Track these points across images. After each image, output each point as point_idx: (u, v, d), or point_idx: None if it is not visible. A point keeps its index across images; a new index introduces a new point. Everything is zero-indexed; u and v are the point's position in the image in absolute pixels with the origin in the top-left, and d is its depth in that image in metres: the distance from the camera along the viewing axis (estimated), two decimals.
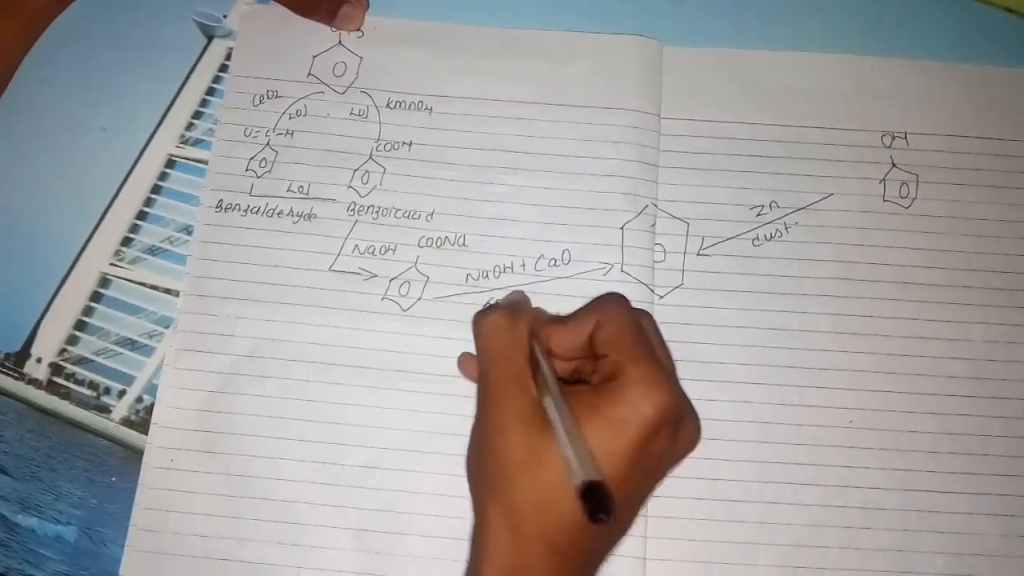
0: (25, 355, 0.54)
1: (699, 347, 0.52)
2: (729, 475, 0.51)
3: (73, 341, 0.54)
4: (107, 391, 0.53)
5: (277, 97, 0.57)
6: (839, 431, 0.51)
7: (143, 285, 0.55)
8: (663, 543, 0.50)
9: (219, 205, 0.55)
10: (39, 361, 0.53)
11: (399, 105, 0.57)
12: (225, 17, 0.59)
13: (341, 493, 0.51)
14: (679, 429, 0.42)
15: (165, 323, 0.54)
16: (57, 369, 0.53)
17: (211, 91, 0.58)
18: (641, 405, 0.40)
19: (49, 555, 0.50)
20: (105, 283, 0.55)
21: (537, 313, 0.48)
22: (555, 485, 0.40)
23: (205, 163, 0.56)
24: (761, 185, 0.55)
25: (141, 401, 0.53)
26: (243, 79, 0.57)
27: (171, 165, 0.56)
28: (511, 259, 0.54)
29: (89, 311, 0.54)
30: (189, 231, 0.55)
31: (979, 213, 0.55)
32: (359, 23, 0.58)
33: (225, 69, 0.58)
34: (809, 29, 0.59)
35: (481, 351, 0.45)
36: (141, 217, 0.56)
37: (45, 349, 0.54)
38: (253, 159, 0.56)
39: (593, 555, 0.43)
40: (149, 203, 0.56)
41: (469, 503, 0.45)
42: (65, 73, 0.58)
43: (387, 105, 0.57)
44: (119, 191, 0.56)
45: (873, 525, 0.50)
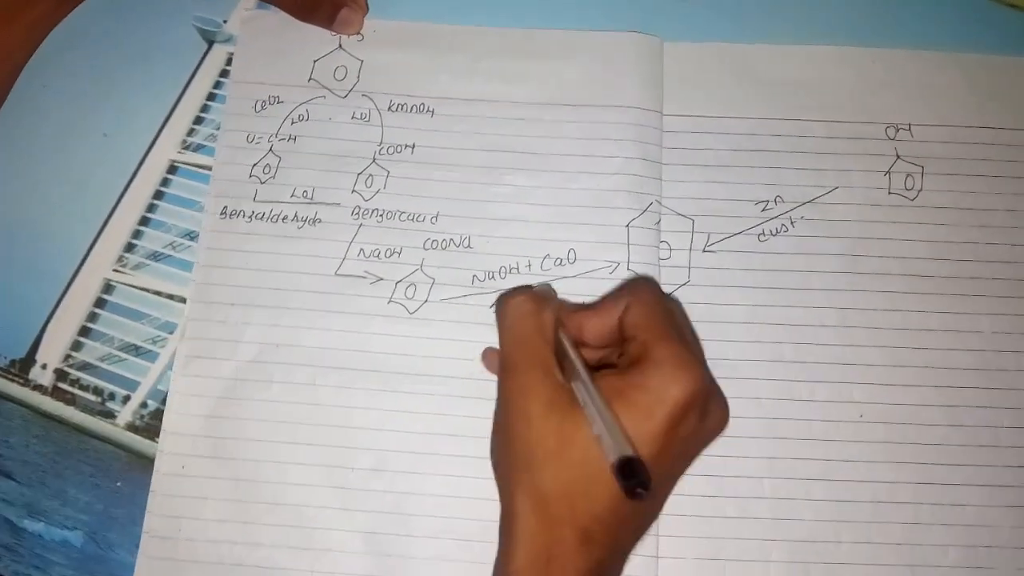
0: (30, 361, 0.53)
1: (706, 343, 0.52)
2: (739, 471, 0.50)
3: (78, 347, 0.54)
4: (112, 396, 0.53)
5: (279, 102, 0.57)
6: (849, 425, 0.51)
7: (146, 291, 0.55)
8: (675, 541, 0.50)
9: (224, 212, 0.55)
10: (44, 367, 0.53)
11: (401, 108, 0.57)
12: (225, 22, 0.59)
13: (350, 496, 0.50)
14: (707, 411, 0.42)
15: (169, 328, 0.54)
16: (62, 375, 0.53)
17: (212, 96, 0.58)
18: (670, 387, 0.40)
19: (56, 560, 0.50)
20: (109, 289, 0.55)
21: (562, 302, 0.48)
22: (585, 469, 0.39)
23: (207, 168, 0.56)
24: (765, 180, 0.55)
25: (145, 406, 0.53)
26: (244, 85, 0.57)
27: (173, 171, 0.56)
28: (516, 259, 0.54)
29: (93, 317, 0.54)
30: (192, 236, 0.55)
31: (985, 203, 0.55)
32: (358, 26, 0.58)
33: (226, 74, 0.58)
34: (810, 22, 0.59)
35: (504, 334, 0.45)
36: (144, 223, 0.56)
37: (50, 355, 0.54)
38: (256, 165, 0.56)
39: (623, 540, 0.43)
40: (152, 209, 0.56)
41: (478, 504, 0.44)
42: (66, 79, 0.58)
43: (389, 108, 0.57)
44: (121, 197, 0.56)
45: (885, 519, 0.50)
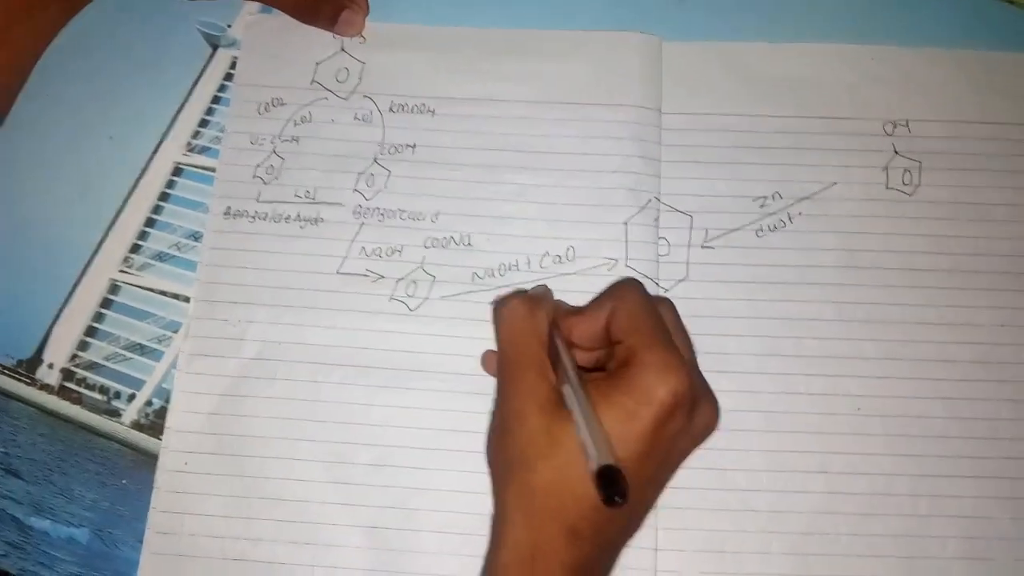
0: (37, 361, 0.54)
1: (705, 339, 0.52)
2: (738, 465, 0.51)
3: (84, 347, 0.54)
4: (117, 395, 0.54)
5: (282, 104, 0.57)
6: (847, 418, 0.51)
7: (152, 291, 0.55)
8: (674, 533, 0.50)
9: (227, 212, 0.55)
10: (51, 367, 0.54)
11: (402, 108, 0.57)
12: (229, 27, 0.60)
13: (352, 492, 0.51)
14: (695, 413, 0.42)
15: (174, 327, 0.54)
16: (68, 374, 0.54)
17: (216, 99, 0.58)
18: (655, 390, 0.40)
19: (62, 557, 0.51)
20: (115, 289, 0.55)
21: (558, 304, 0.48)
22: (573, 469, 0.40)
23: (212, 170, 0.57)
24: (764, 176, 0.55)
25: (151, 405, 0.53)
26: (248, 88, 0.58)
27: (178, 173, 0.57)
28: (516, 257, 0.54)
29: (99, 317, 0.55)
30: (196, 237, 0.56)
31: (983, 198, 0.55)
32: (360, 28, 0.58)
33: (230, 78, 0.59)
34: (808, 20, 0.59)
35: (500, 337, 0.45)
36: (149, 224, 0.56)
37: (57, 355, 0.54)
38: (260, 166, 0.56)
39: (611, 540, 0.43)
40: (157, 210, 0.57)
41: (479, 498, 0.45)
42: (73, 84, 0.58)
43: (390, 109, 0.57)
44: (128, 199, 0.57)
45: (883, 511, 0.50)
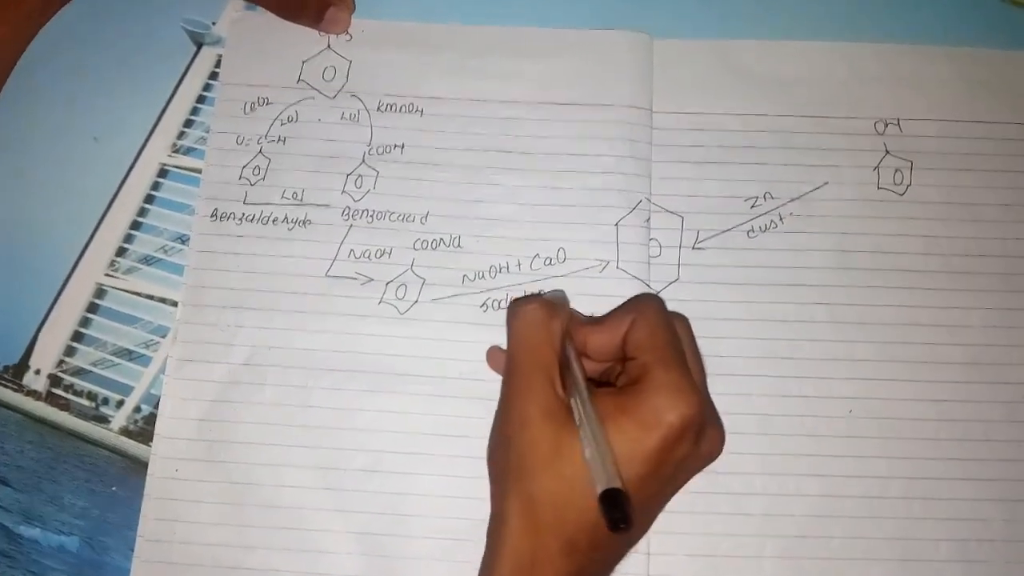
0: (24, 367, 0.54)
1: (697, 341, 0.51)
2: (731, 468, 0.50)
3: (71, 352, 0.54)
4: (105, 401, 0.53)
5: (268, 104, 0.57)
6: (839, 421, 0.51)
7: (138, 295, 0.55)
8: (667, 537, 0.50)
9: (214, 214, 0.55)
10: (38, 373, 0.54)
11: (390, 108, 0.57)
12: (214, 24, 0.59)
13: (343, 497, 0.51)
14: (701, 438, 0.42)
15: (161, 332, 0.54)
16: (56, 380, 0.54)
17: (201, 99, 0.58)
18: (666, 412, 0.40)
19: (52, 565, 0.50)
20: (101, 294, 0.55)
21: (573, 313, 0.48)
22: (576, 482, 0.40)
23: (197, 172, 0.56)
24: (755, 176, 0.55)
25: (139, 411, 0.53)
26: (233, 87, 0.57)
27: (163, 174, 0.56)
28: (506, 259, 0.54)
29: (86, 322, 0.54)
30: (183, 240, 0.55)
31: (974, 198, 0.55)
32: (346, 25, 0.58)
33: (215, 76, 0.58)
34: (799, 18, 0.58)
35: (513, 340, 0.45)
36: (135, 227, 0.56)
37: (43, 361, 0.54)
38: (246, 167, 0.56)
39: (608, 555, 0.43)
40: (143, 213, 0.56)
41: (471, 503, 0.45)
42: (56, 84, 0.58)
43: (378, 108, 0.57)
44: (112, 201, 0.56)
45: (876, 514, 0.50)
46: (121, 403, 0.53)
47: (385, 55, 0.58)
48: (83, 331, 0.54)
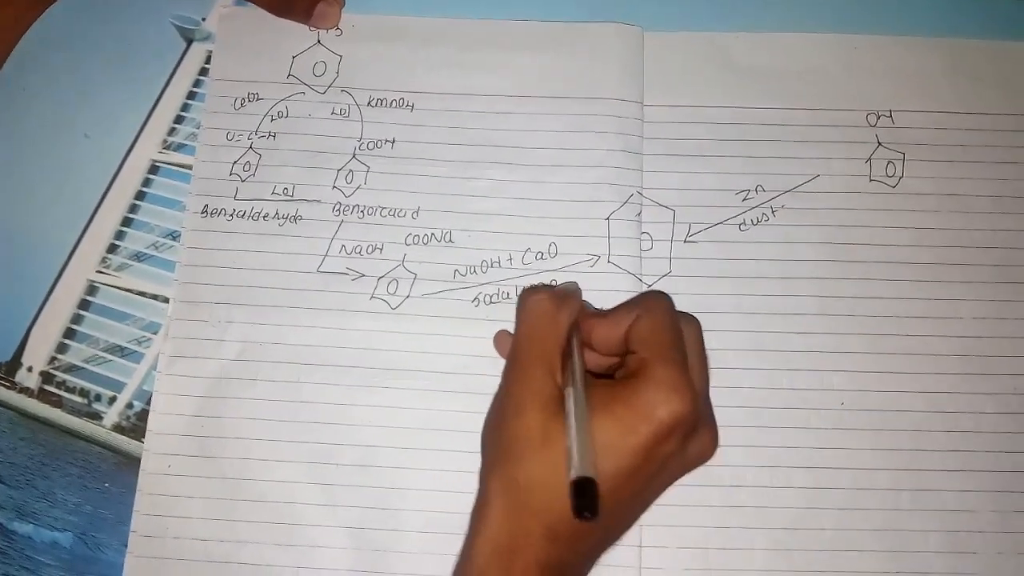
0: (16, 364, 0.54)
1: None
2: (721, 460, 0.50)
3: (63, 349, 0.54)
4: (98, 398, 0.53)
5: (258, 99, 0.57)
6: (830, 413, 0.51)
7: (130, 291, 0.55)
8: (658, 530, 0.50)
9: (205, 210, 0.55)
10: (30, 370, 0.54)
11: (380, 103, 0.57)
12: (204, 20, 0.59)
13: (335, 492, 0.51)
14: (692, 439, 0.42)
15: (153, 329, 0.54)
16: (48, 377, 0.54)
17: (192, 95, 0.58)
18: (658, 407, 0.40)
19: (46, 561, 0.51)
20: (93, 290, 0.55)
21: (583, 306, 0.48)
22: (561, 471, 0.39)
23: (188, 168, 0.56)
24: (746, 169, 0.55)
25: (131, 407, 0.53)
26: (223, 83, 0.57)
27: (154, 171, 0.56)
28: (498, 254, 0.54)
29: (78, 319, 0.54)
30: (174, 236, 0.55)
31: (966, 189, 0.55)
32: (336, 20, 0.57)
33: (205, 72, 0.58)
34: (790, 10, 0.58)
35: (520, 327, 0.45)
36: (126, 224, 0.56)
37: (36, 358, 0.54)
38: (237, 163, 0.56)
39: (588, 548, 0.43)
40: (134, 209, 0.56)
41: (463, 497, 0.45)
42: (45, 81, 0.58)
43: (368, 103, 0.57)
44: (103, 198, 0.56)
45: (866, 505, 0.50)
46: (113, 399, 0.53)
47: (375, 50, 0.57)
48: (75, 328, 0.54)
